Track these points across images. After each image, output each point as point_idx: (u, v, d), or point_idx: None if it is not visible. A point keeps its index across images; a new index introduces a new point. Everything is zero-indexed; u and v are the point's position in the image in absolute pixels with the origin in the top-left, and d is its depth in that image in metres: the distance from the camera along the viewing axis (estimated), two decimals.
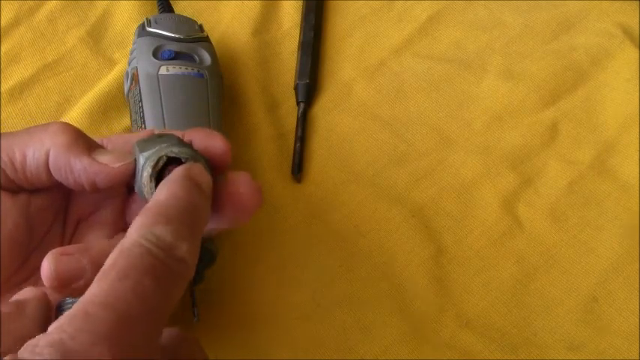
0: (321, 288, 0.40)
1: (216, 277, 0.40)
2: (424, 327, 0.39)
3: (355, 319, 0.39)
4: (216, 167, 0.30)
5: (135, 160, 0.29)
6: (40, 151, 0.30)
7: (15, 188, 0.31)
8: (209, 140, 0.31)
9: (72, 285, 0.27)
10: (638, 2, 0.50)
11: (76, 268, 0.27)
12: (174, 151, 0.28)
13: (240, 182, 0.30)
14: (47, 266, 0.27)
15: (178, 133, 0.31)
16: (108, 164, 0.29)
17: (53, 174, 0.30)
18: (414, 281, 0.40)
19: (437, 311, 0.40)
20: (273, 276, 0.41)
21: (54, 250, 0.27)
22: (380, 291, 0.40)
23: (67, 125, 0.30)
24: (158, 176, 0.28)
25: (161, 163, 0.28)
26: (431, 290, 0.40)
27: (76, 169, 0.29)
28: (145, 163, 0.29)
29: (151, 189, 0.28)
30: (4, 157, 0.30)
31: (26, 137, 0.30)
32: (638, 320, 0.39)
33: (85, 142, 0.30)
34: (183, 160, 0.28)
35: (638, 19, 0.49)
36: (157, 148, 0.29)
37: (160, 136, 0.30)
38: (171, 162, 0.28)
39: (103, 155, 0.30)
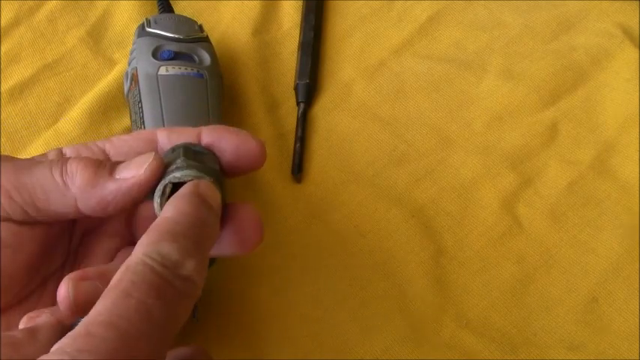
0: (321, 288, 0.40)
1: (216, 277, 0.40)
2: (424, 327, 0.39)
3: (355, 319, 0.39)
4: (249, 169, 0.30)
5: (155, 153, 0.29)
6: (67, 198, 0.28)
7: (34, 222, 0.30)
8: (241, 144, 0.30)
9: (87, 311, 0.26)
10: (638, 2, 0.50)
11: (94, 293, 0.26)
12: (177, 176, 0.28)
13: (244, 210, 0.30)
14: (65, 292, 0.26)
15: (196, 132, 0.30)
16: (135, 174, 0.28)
17: (87, 214, 0.29)
18: (414, 281, 0.40)
19: (437, 311, 0.40)
20: (273, 276, 0.40)
21: (72, 275, 0.27)
22: (380, 291, 0.40)
23: (82, 160, 0.29)
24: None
25: (168, 190, 0.28)
26: (431, 290, 0.40)
27: (111, 199, 0.28)
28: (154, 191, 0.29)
29: None
30: (27, 198, 0.29)
31: (42, 174, 0.29)
32: (638, 320, 0.39)
33: (104, 169, 0.29)
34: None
35: (638, 19, 0.49)
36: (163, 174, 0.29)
37: (173, 150, 0.30)
38: (179, 185, 0.28)
39: (126, 170, 0.28)
